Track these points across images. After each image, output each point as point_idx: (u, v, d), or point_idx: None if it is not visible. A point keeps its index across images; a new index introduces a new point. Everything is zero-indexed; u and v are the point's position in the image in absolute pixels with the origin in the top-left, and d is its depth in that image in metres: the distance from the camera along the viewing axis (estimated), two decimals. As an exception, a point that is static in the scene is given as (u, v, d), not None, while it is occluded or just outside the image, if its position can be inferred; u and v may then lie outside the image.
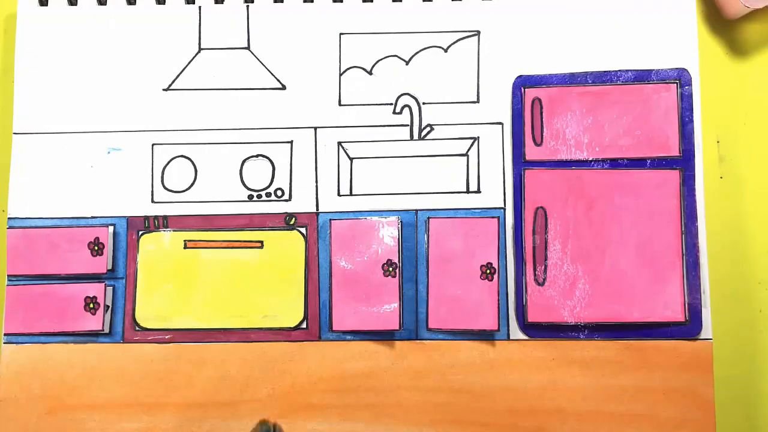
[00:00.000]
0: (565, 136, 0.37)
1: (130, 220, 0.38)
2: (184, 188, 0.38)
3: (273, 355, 0.37)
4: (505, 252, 0.37)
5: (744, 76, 0.40)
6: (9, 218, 0.38)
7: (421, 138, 0.38)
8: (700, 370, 0.36)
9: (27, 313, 0.37)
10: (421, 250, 0.38)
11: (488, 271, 0.37)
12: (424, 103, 0.38)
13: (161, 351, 0.37)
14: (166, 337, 0.37)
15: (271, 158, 0.38)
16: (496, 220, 0.37)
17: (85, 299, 0.37)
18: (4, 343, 0.37)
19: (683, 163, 0.37)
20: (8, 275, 0.38)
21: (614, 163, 0.37)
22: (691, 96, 0.38)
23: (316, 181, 0.38)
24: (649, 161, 0.37)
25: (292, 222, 0.38)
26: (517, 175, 0.38)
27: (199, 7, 0.39)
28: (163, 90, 0.39)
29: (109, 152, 0.39)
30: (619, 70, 0.38)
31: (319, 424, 0.37)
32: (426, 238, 0.38)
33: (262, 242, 0.38)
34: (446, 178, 0.38)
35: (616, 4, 0.38)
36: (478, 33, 0.39)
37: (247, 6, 0.39)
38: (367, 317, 0.37)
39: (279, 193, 0.38)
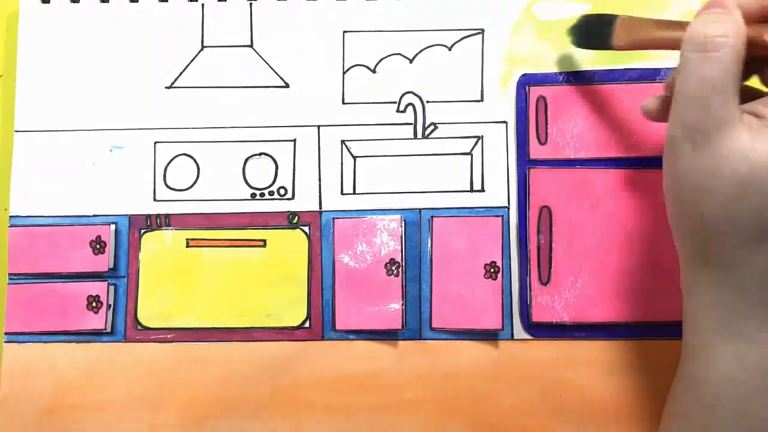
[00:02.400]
0: (569, 134, 0.37)
1: (132, 219, 0.38)
2: (187, 186, 0.38)
3: (275, 354, 0.37)
4: (509, 251, 0.37)
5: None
6: (11, 216, 0.38)
7: (424, 136, 0.38)
8: (704, 371, 0.36)
9: (28, 311, 0.37)
10: (424, 249, 0.37)
11: (492, 270, 0.37)
12: (427, 102, 0.38)
13: (163, 350, 0.37)
14: (168, 336, 0.37)
15: (274, 156, 0.38)
16: (500, 219, 0.37)
17: (88, 298, 0.37)
18: (5, 342, 0.37)
19: (688, 162, 0.37)
20: (9, 274, 0.38)
21: (619, 162, 0.37)
22: (696, 95, 0.37)
23: (320, 180, 0.38)
24: (654, 160, 0.37)
25: (295, 221, 0.38)
26: (521, 174, 0.37)
27: (202, 5, 0.39)
28: (166, 88, 0.39)
29: (111, 150, 0.39)
30: (625, 69, 0.37)
31: (322, 423, 0.37)
32: (429, 237, 0.37)
33: (264, 241, 0.38)
34: (450, 176, 0.38)
35: (620, 2, 0.38)
36: (482, 31, 0.38)
37: (250, 3, 0.39)
38: (370, 316, 0.37)
39: (282, 191, 0.38)
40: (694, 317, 0.29)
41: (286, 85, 0.39)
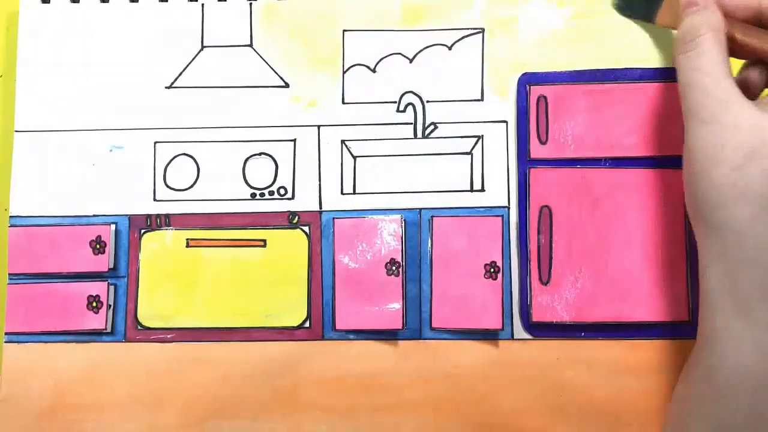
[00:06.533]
0: (570, 134, 0.37)
1: (132, 219, 0.38)
2: (187, 186, 0.38)
3: (276, 354, 0.37)
4: (509, 251, 0.37)
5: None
6: (11, 216, 0.38)
7: (424, 136, 0.38)
8: (704, 371, 0.36)
9: (28, 311, 0.37)
10: (424, 249, 0.37)
11: (492, 270, 0.37)
12: (427, 101, 0.38)
13: (163, 350, 0.37)
14: (168, 336, 0.37)
15: (274, 156, 0.38)
16: (500, 218, 0.37)
17: (88, 298, 0.37)
18: (5, 342, 0.37)
19: (688, 162, 0.37)
20: (9, 274, 0.38)
21: (619, 162, 0.37)
22: (696, 94, 0.37)
23: (320, 180, 0.38)
24: (654, 160, 0.37)
25: (295, 221, 0.38)
26: (521, 174, 0.37)
27: (202, 5, 0.39)
28: (166, 88, 0.39)
29: (111, 150, 0.39)
30: (625, 68, 0.37)
31: (322, 423, 0.37)
32: (429, 237, 0.37)
33: (264, 241, 0.38)
34: (450, 176, 0.38)
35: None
36: (482, 31, 0.38)
37: (250, 4, 0.39)
38: (371, 316, 0.37)
39: (282, 191, 0.38)
40: (709, 300, 0.29)
41: (286, 85, 0.39)
